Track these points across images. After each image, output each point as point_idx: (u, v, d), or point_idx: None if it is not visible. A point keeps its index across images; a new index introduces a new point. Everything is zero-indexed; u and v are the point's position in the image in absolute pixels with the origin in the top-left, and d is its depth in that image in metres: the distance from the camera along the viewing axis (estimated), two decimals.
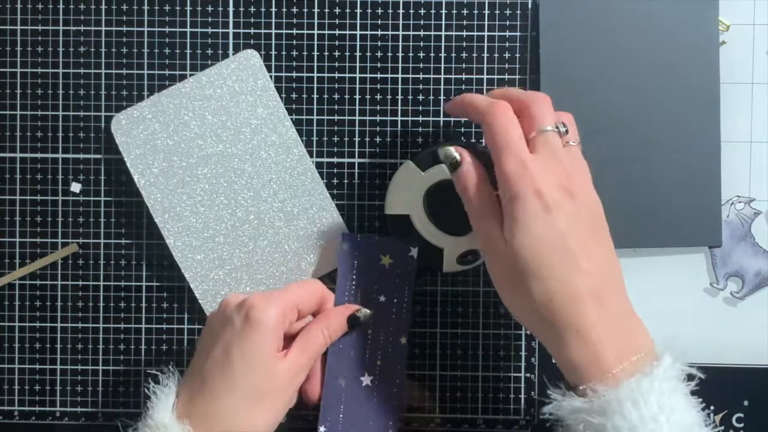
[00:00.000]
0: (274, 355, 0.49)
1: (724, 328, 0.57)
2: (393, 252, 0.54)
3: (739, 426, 0.57)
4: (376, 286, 0.54)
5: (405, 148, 0.57)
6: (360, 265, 0.54)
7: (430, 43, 0.57)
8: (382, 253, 0.54)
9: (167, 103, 0.56)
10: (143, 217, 0.57)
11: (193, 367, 0.50)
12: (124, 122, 0.56)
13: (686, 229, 0.56)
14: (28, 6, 0.57)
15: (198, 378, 0.49)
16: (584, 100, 0.56)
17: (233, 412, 0.48)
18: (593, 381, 0.44)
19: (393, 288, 0.54)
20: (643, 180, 0.56)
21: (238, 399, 0.48)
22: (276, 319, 0.49)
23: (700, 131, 0.56)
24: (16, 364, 0.58)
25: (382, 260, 0.54)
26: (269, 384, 0.49)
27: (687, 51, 0.56)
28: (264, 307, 0.49)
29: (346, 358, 0.53)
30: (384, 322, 0.54)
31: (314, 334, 0.51)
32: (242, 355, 0.48)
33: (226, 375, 0.48)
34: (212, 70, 0.57)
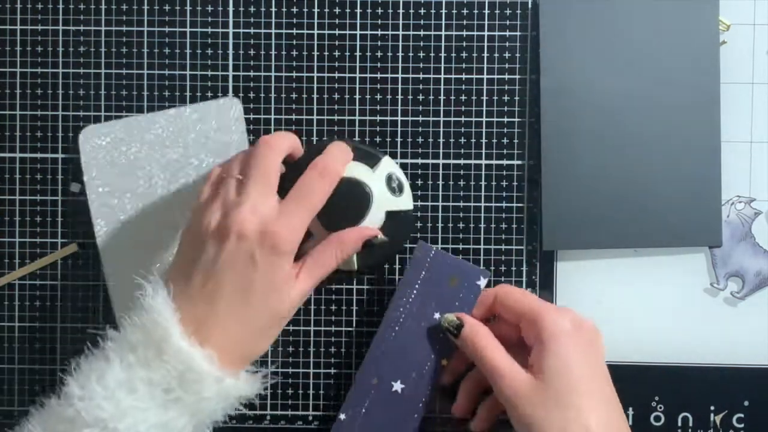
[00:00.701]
0: (293, 280, 0.48)
1: (724, 328, 0.57)
2: (462, 275, 0.54)
3: (739, 426, 0.57)
4: (434, 302, 0.54)
5: (405, 148, 0.57)
6: (426, 278, 0.54)
7: (430, 43, 0.57)
8: (452, 273, 0.54)
9: (138, 129, 0.56)
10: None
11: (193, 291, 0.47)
12: (92, 136, 0.56)
13: (686, 229, 0.56)
14: (28, 6, 0.57)
15: (205, 305, 0.47)
16: (584, 100, 0.56)
17: (250, 339, 0.47)
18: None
19: (450, 310, 0.53)
20: (643, 180, 0.56)
21: (255, 327, 0.47)
22: (297, 245, 0.48)
23: (700, 131, 0.56)
24: (16, 364, 0.58)
25: (449, 280, 0.54)
26: (285, 310, 0.48)
27: (687, 51, 0.56)
28: (288, 239, 0.47)
29: (384, 362, 0.53)
30: (431, 341, 0.53)
31: (328, 258, 0.50)
32: (266, 286, 0.47)
33: (246, 304, 0.47)
34: (191, 108, 0.57)
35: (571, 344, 0.48)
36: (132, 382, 0.44)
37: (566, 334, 0.48)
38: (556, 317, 0.48)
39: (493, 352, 0.49)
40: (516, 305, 0.51)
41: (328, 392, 0.58)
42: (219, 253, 0.47)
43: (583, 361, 0.47)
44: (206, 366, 0.45)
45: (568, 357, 0.47)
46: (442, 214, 0.57)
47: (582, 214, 0.56)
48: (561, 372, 0.47)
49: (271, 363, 0.57)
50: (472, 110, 0.57)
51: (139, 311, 0.46)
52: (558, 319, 0.48)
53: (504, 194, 0.57)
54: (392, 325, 0.53)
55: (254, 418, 0.58)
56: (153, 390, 0.45)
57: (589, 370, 0.48)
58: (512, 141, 0.57)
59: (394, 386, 0.53)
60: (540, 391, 0.47)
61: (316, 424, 0.58)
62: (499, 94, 0.57)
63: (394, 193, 0.55)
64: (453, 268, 0.54)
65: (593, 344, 0.49)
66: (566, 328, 0.48)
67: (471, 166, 0.57)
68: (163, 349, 0.45)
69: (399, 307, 0.53)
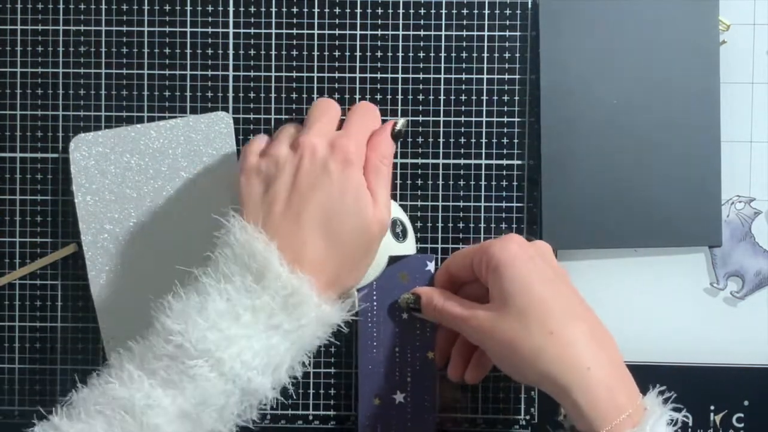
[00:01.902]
0: (369, 192, 0.48)
1: (724, 328, 0.57)
2: (409, 269, 0.54)
3: (739, 426, 0.57)
4: (396, 304, 0.54)
5: (405, 147, 0.57)
6: (379, 286, 0.54)
7: (430, 43, 0.57)
8: (399, 270, 0.54)
9: (129, 140, 0.57)
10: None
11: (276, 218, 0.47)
12: (82, 145, 0.56)
13: (686, 229, 0.56)
14: (28, 6, 0.57)
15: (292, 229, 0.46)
16: (584, 99, 0.56)
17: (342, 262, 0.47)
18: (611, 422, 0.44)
19: None
20: (643, 180, 0.56)
21: (345, 247, 0.47)
22: (363, 159, 0.49)
23: (700, 131, 0.56)
24: (16, 364, 0.58)
25: (400, 278, 0.54)
26: (371, 223, 0.48)
27: (687, 51, 0.56)
28: (356, 150, 0.48)
29: (377, 378, 0.54)
30: (410, 339, 0.54)
31: (381, 168, 0.50)
32: (346, 197, 0.47)
33: (331, 219, 0.47)
34: (183, 121, 0.57)
35: (524, 265, 0.48)
36: (235, 310, 0.45)
37: (515, 256, 0.48)
38: (502, 244, 0.48)
39: (451, 305, 0.50)
40: (463, 258, 0.52)
41: (328, 392, 0.58)
42: (295, 174, 0.47)
43: (541, 277, 0.47)
44: (306, 290, 0.45)
45: (524, 277, 0.47)
46: (442, 214, 0.57)
47: (582, 214, 0.56)
48: (521, 293, 0.47)
49: None
50: (472, 110, 0.57)
51: (228, 246, 0.46)
52: (504, 245, 0.48)
53: (504, 194, 0.57)
54: (369, 342, 0.54)
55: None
56: (256, 316, 0.45)
57: (551, 285, 0.47)
58: (512, 141, 0.57)
59: (397, 398, 0.54)
60: (505, 319, 0.47)
61: (316, 423, 0.58)
62: (499, 94, 0.57)
63: (398, 238, 0.55)
64: (398, 266, 0.54)
65: (546, 258, 0.49)
66: (514, 251, 0.48)
67: (471, 166, 0.57)
68: (263, 276, 0.45)
69: (367, 321, 0.54)
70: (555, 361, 0.45)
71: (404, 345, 0.54)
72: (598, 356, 0.46)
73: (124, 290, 0.56)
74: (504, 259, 0.48)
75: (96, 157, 0.56)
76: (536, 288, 0.47)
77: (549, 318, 0.46)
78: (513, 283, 0.47)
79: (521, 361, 0.46)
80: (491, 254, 0.48)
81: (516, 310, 0.47)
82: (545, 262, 0.49)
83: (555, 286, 0.48)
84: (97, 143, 0.56)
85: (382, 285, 0.54)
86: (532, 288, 0.47)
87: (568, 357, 0.45)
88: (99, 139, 0.57)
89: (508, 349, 0.47)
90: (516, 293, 0.47)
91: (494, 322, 0.47)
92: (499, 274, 0.48)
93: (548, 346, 0.45)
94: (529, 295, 0.47)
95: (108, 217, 0.56)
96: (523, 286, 0.47)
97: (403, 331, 0.54)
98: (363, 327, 0.54)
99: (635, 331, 0.57)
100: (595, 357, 0.45)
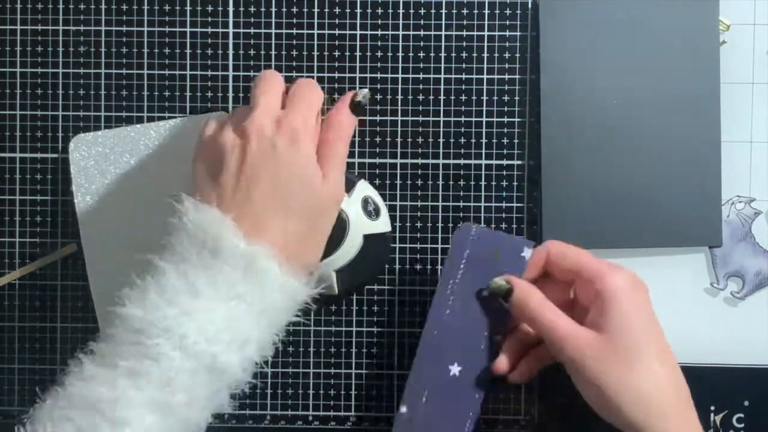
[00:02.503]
0: (319, 170, 0.48)
1: (724, 328, 0.57)
2: (505, 248, 0.52)
3: (740, 426, 0.57)
4: (482, 279, 0.52)
5: (405, 148, 0.57)
6: (471, 256, 0.53)
7: (430, 43, 0.57)
8: (495, 247, 0.53)
9: (129, 140, 0.57)
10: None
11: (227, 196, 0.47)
12: (82, 145, 0.56)
13: (686, 229, 0.56)
14: (28, 6, 0.57)
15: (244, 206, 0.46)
16: (584, 99, 0.56)
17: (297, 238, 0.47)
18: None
19: None
20: (643, 180, 0.56)
21: (298, 223, 0.47)
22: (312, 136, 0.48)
23: (700, 131, 0.56)
24: (16, 364, 0.58)
25: (494, 254, 0.53)
26: (322, 200, 0.48)
27: (687, 51, 0.56)
28: (303, 126, 0.47)
29: (439, 344, 0.52)
30: (485, 317, 0.52)
31: (336, 145, 0.49)
32: (295, 174, 0.46)
33: (281, 196, 0.46)
34: (182, 121, 0.57)
35: (630, 301, 0.48)
36: (193, 286, 0.44)
37: (624, 291, 0.48)
38: (615, 276, 0.49)
39: (551, 313, 0.49)
40: (571, 266, 0.50)
41: (328, 392, 0.58)
42: (243, 154, 0.47)
43: (641, 315, 0.48)
44: (266, 259, 0.45)
45: (629, 313, 0.48)
46: (442, 214, 0.57)
47: (582, 214, 0.56)
48: (624, 328, 0.47)
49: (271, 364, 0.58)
50: (472, 110, 0.57)
51: (182, 229, 0.46)
52: (617, 278, 0.48)
53: (504, 194, 0.57)
54: (443, 308, 0.52)
55: (254, 418, 0.58)
56: (217, 288, 0.44)
57: (647, 324, 0.48)
58: (512, 141, 0.57)
59: (452, 370, 0.52)
60: (606, 348, 0.47)
61: (316, 424, 0.58)
62: (499, 94, 0.57)
63: (371, 216, 0.55)
64: (496, 243, 0.53)
65: (647, 298, 0.50)
66: (624, 285, 0.48)
67: (471, 166, 0.57)
68: (220, 250, 0.44)
69: (447, 288, 0.52)
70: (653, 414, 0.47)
71: (476, 322, 0.52)
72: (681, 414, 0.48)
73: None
74: (621, 292, 0.48)
75: (95, 157, 0.56)
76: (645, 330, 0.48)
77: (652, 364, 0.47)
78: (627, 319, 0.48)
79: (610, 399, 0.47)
80: (608, 282, 0.48)
81: (622, 348, 0.47)
82: (650, 302, 0.50)
83: (658, 330, 0.49)
84: (97, 143, 0.56)
85: (474, 255, 0.53)
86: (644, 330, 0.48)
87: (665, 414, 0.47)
88: (98, 139, 0.57)
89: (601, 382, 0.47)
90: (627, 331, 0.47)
91: (597, 350, 0.47)
92: (612, 306, 0.48)
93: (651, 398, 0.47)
94: (640, 336, 0.48)
95: (107, 217, 0.56)
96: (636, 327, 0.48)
97: (480, 308, 0.53)
98: (441, 292, 0.53)
99: None
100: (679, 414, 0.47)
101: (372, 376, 0.58)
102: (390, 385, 0.58)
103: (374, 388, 0.58)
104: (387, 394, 0.58)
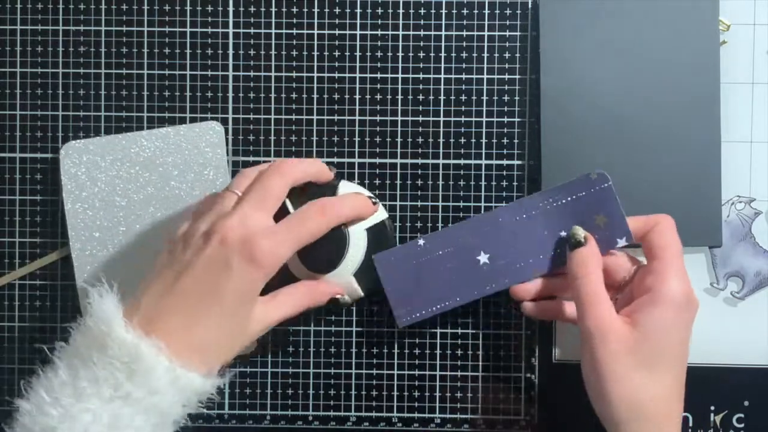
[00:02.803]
0: (263, 303, 0.48)
1: (724, 328, 0.57)
2: (611, 223, 0.52)
3: (740, 426, 0.57)
4: (570, 223, 0.52)
5: (405, 148, 0.57)
6: (580, 199, 0.52)
7: (430, 43, 0.57)
8: (604, 213, 0.52)
9: (120, 147, 0.57)
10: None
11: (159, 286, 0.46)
12: (73, 152, 0.56)
13: (686, 229, 0.56)
14: (28, 6, 0.57)
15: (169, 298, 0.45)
16: (584, 100, 0.56)
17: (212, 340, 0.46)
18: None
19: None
20: (642, 180, 0.56)
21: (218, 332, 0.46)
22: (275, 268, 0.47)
23: (700, 131, 0.56)
24: (16, 365, 0.58)
25: (597, 216, 0.52)
26: (250, 327, 0.47)
27: (687, 51, 0.56)
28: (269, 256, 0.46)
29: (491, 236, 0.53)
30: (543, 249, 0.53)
31: (299, 299, 0.50)
32: (236, 296, 0.46)
33: (212, 306, 0.45)
34: (174, 130, 0.57)
35: (677, 315, 0.48)
36: (77, 383, 0.43)
37: (677, 304, 0.48)
38: (677, 285, 0.48)
39: (596, 285, 0.49)
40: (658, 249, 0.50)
41: (328, 392, 0.58)
42: (197, 254, 0.46)
43: (679, 332, 0.48)
44: (153, 356, 0.43)
45: (670, 325, 0.48)
46: (442, 214, 0.57)
47: None
48: (658, 336, 0.47)
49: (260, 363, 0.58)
50: (472, 110, 0.57)
51: (85, 318, 0.45)
52: (677, 288, 0.48)
53: (504, 194, 0.57)
54: (522, 210, 0.53)
55: (254, 418, 0.58)
56: (100, 389, 0.43)
57: (680, 342, 0.48)
58: (512, 141, 0.57)
59: (481, 258, 0.53)
60: (629, 345, 0.47)
61: (316, 424, 0.58)
62: (499, 94, 0.57)
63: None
64: (609, 210, 0.52)
65: (692, 317, 0.49)
66: (679, 299, 0.48)
67: (471, 166, 0.57)
68: (106, 345, 0.43)
69: (539, 201, 0.52)
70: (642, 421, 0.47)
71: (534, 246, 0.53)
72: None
73: None
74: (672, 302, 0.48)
75: (86, 165, 0.56)
76: (676, 346, 0.48)
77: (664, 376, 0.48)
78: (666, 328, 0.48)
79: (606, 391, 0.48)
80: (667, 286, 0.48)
81: (646, 352, 0.47)
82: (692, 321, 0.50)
83: (685, 350, 0.49)
84: (88, 151, 0.56)
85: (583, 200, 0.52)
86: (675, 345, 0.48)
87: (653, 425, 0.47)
88: (89, 146, 0.56)
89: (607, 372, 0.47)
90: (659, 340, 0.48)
91: (620, 344, 0.47)
92: (658, 309, 0.48)
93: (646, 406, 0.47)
94: (668, 350, 0.48)
95: (97, 225, 0.56)
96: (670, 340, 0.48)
97: (546, 238, 0.52)
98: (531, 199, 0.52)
99: None
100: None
101: (372, 376, 0.58)
102: (390, 385, 0.58)
103: (374, 388, 0.58)
104: (387, 394, 0.58)
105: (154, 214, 0.56)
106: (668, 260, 0.49)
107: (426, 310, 0.53)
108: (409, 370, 0.57)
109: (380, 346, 0.58)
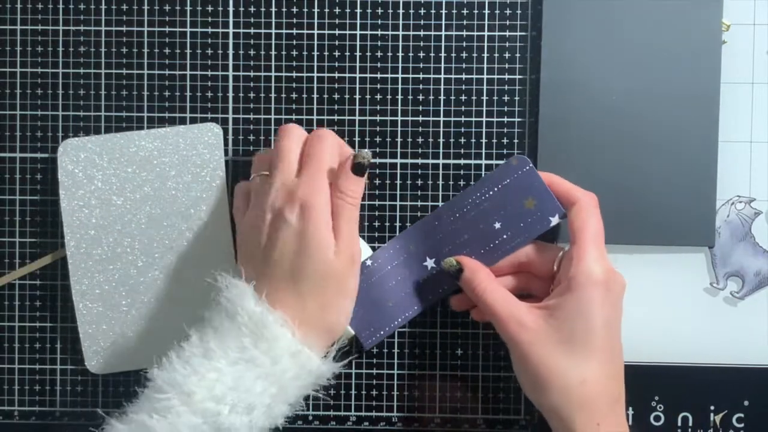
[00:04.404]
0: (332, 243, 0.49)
1: (724, 328, 0.57)
2: (539, 203, 0.52)
3: (740, 426, 0.57)
4: (502, 212, 0.53)
5: (405, 148, 0.57)
6: (507, 186, 0.53)
7: (430, 43, 0.57)
8: (532, 195, 0.53)
9: (117, 147, 0.56)
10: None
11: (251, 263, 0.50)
12: (71, 150, 0.56)
13: (681, 229, 0.56)
14: (28, 6, 0.57)
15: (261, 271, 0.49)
16: (584, 99, 0.56)
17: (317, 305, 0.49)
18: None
19: (514, 227, 0.53)
20: (641, 179, 0.56)
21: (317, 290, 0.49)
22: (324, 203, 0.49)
23: (699, 131, 0.56)
24: (16, 364, 0.58)
25: (526, 200, 0.53)
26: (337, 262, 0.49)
27: (688, 51, 0.56)
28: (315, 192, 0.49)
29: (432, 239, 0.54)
30: (479, 244, 0.53)
31: (342, 206, 0.50)
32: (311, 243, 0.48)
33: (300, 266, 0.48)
34: (172, 131, 0.57)
35: (595, 297, 0.48)
36: (206, 345, 0.47)
37: (592, 286, 0.48)
38: (591, 267, 0.49)
39: (493, 294, 0.50)
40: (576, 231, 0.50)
41: (328, 392, 0.58)
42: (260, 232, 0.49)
43: (602, 313, 0.48)
44: (279, 326, 0.47)
45: (587, 307, 0.48)
46: None
47: None
48: (577, 318, 0.48)
49: None
50: (472, 110, 0.57)
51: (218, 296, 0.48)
52: (591, 269, 0.48)
53: None
54: (455, 211, 0.54)
55: None
56: (227, 351, 0.46)
57: (605, 324, 0.48)
58: (512, 141, 0.57)
59: (428, 263, 0.54)
60: (549, 332, 0.48)
61: (316, 424, 0.58)
62: (499, 94, 0.57)
63: None
64: (536, 192, 0.53)
65: (618, 298, 0.50)
66: (595, 280, 0.48)
67: (471, 166, 0.57)
68: (236, 313, 0.47)
69: (468, 197, 0.54)
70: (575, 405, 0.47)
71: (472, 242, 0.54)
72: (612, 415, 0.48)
73: (107, 297, 0.56)
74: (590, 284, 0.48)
75: (84, 163, 0.56)
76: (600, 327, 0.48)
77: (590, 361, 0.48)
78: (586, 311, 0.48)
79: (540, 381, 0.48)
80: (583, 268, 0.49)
81: (568, 336, 0.48)
82: (619, 299, 0.50)
83: (614, 328, 0.49)
84: (86, 149, 0.56)
85: (510, 187, 0.53)
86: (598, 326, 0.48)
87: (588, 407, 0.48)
88: (88, 144, 0.56)
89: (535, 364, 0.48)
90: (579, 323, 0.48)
91: (538, 335, 0.48)
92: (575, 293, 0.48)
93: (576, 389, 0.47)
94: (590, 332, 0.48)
95: (93, 224, 0.56)
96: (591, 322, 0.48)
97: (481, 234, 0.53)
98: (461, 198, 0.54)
99: (635, 331, 0.57)
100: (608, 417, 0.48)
101: (372, 376, 0.58)
102: (390, 385, 0.58)
103: (374, 388, 0.58)
104: (387, 394, 0.58)
105: (150, 213, 0.56)
106: (582, 243, 0.49)
107: (389, 326, 0.55)
108: (409, 369, 0.57)
109: (380, 347, 0.58)
